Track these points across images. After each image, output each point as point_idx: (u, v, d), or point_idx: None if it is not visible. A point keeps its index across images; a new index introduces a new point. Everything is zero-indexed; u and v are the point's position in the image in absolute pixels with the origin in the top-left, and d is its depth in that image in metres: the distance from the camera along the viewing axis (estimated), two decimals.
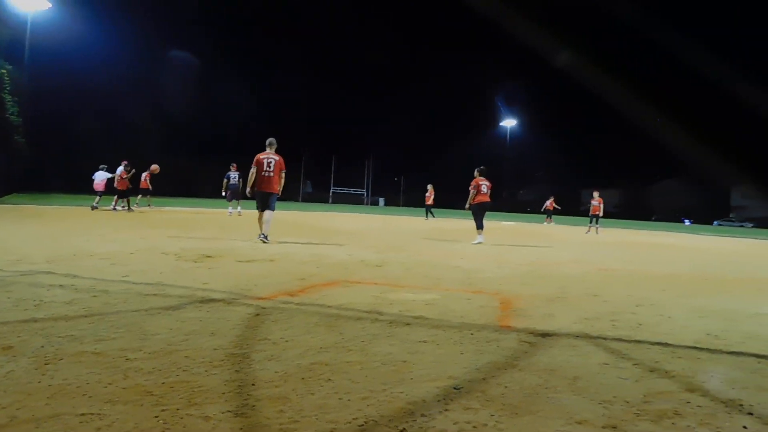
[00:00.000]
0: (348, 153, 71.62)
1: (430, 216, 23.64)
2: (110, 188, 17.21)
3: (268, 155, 8.45)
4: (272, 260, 6.06)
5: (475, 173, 10.55)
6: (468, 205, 10.58)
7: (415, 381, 2.21)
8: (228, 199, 17.85)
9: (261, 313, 3.34)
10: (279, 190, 8.50)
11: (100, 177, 17.13)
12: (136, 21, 49.47)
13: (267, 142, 8.60)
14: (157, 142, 42.92)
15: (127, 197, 17.45)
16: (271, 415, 1.80)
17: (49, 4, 26.33)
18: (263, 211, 8.33)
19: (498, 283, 5.19)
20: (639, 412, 1.97)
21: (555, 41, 46.23)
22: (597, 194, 18.89)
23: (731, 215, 64.67)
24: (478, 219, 10.44)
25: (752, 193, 61.39)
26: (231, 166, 17.79)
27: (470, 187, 10.50)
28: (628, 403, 2.06)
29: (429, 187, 22.96)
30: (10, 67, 24.08)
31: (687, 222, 59.66)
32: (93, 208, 16.17)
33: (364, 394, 2.02)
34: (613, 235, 18.58)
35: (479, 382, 2.23)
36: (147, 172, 18.61)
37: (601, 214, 18.62)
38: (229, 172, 17.68)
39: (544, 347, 2.83)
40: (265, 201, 8.36)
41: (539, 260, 7.70)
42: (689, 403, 2.09)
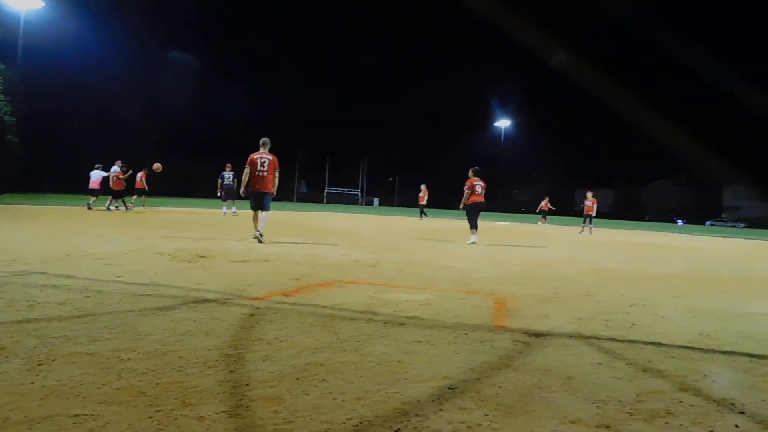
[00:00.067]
0: (343, 153, 71.72)
1: (423, 216, 23.66)
2: (105, 187, 17.15)
3: (262, 155, 8.43)
4: (267, 260, 6.04)
5: (470, 173, 10.58)
6: (462, 205, 10.60)
7: (409, 381, 2.21)
8: (223, 199, 17.86)
9: (256, 313, 3.34)
10: (273, 190, 8.48)
11: (96, 176, 17.07)
12: (132, 21, 49.46)
13: (260, 141, 8.58)
14: (153, 142, 42.85)
15: (122, 197, 17.42)
16: (265, 415, 1.80)
17: (43, 3, 26.19)
18: (257, 211, 8.32)
19: (492, 283, 5.20)
20: (632, 412, 1.98)
21: (550, 42, 46.51)
22: (591, 194, 18.98)
23: (723, 215, 65.09)
24: (472, 219, 10.45)
25: (745, 194, 61.86)
26: (226, 166, 17.80)
27: (464, 188, 10.52)
28: (621, 402, 2.07)
29: (422, 187, 22.97)
30: (3, 66, 23.97)
31: (680, 222, 60.05)
32: (89, 207, 16.15)
33: (359, 395, 2.03)
34: (607, 235, 18.65)
35: (473, 382, 2.23)
36: (142, 172, 18.56)
37: (595, 214, 18.71)
38: (224, 172, 17.69)
39: (538, 347, 2.84)
40: (259, 201, 8.34)
41: (533, 260, 7.72)
42: (682, 402, 2.11)
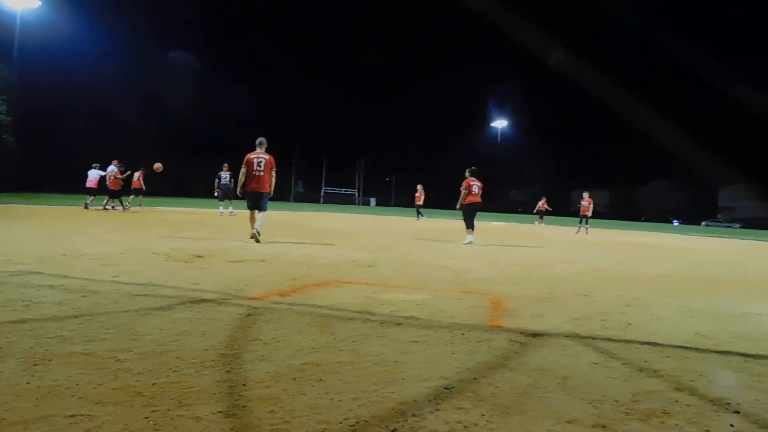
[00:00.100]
0: (340, 153, 71.74)
1: (420, 216, 23.67)
2: (102, 187, 17.13)
3: (258, 155, 8.42)
4: (263, 260, 6.04)
5: (466, 174, 10.59)
6: (459, 205, 10.61)
7: (406, 381, 2.21)
8: (220, 199, 17.84)
9: (252, 313, 3.33)
10: (270, 190, 8.46)
11: (93, 175, 17.05)
12: (129, 20, 49.31)
13: (257, 141, 8.56)
14: (150, 141, 42.73)
15: (119, 197, 17.39)
16: (262, 415, 1.80)
17: (39, 2, 26.08)
18: (254, 211, 8.30)
19: (488, 283, 5.21)
20: (628, 412, 1.99)
21: (548, 43, 46.61)
22: (587, 195, 19.03)
23: (719, 216, 65.35)
24: (468, 219, 10.47)
25: (741, 194, 62.12)
26: (223, 166, 17.78)
27: (461, 188, 10.54)
28: (617, 402, 2.08)
29: (419, 187, 22.99)
30: None
31: (675, 222, 60.22)
32: (86, 207, 16.13)
33: (356, 395, 2.03)
34: (603, 235, 18.69)
35: (470, 382, 2.24)
36: (140, 172, 18.53)
37: (591, 214, 18.76)
38: (221, 172, 17.67)
39: (535, 347, 2.85)
40: (256, 201, 8.32)
41: (529, 260, 7.73)
42: (678, 402, 2.11)
